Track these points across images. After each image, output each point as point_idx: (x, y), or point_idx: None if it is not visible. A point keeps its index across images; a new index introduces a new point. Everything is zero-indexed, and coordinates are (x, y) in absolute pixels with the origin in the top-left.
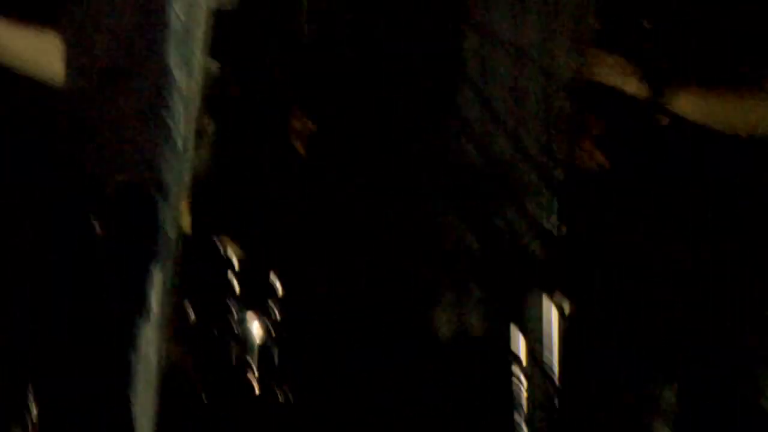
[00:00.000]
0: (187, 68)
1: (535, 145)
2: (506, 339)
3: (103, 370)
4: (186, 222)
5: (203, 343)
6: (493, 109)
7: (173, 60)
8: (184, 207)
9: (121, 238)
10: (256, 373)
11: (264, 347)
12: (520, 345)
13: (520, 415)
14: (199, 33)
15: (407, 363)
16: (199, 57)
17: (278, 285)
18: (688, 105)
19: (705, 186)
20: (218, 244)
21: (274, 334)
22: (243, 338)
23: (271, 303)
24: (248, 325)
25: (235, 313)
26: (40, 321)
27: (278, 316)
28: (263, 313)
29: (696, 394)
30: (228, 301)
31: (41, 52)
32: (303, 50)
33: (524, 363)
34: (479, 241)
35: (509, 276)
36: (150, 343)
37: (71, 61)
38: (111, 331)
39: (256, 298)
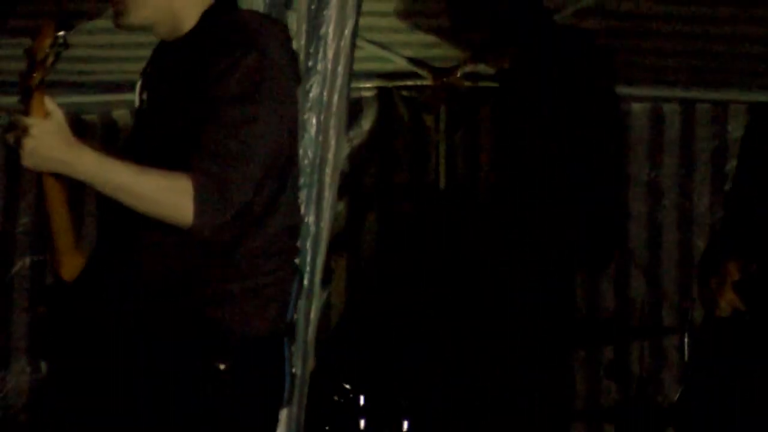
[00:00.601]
0: (317, 207)
1: (672, 285)
2: None
3: None
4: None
5: None
6: (629, 247)
7: (302, 199)
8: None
9: (247, 379)
10: None
11: None
12: None
13: None
14: (328, 171)
15: None
16: (327, 196)
17: (406, 425)
18: None
19: None
20: (345, 384)
21: None
22: None
23: None
24: None
25: None
26: None
27: None
28: None
29: None
30: None
31: (173, 196)
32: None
33: None
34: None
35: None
36: None
37: (202, 204)
38: None
39: None
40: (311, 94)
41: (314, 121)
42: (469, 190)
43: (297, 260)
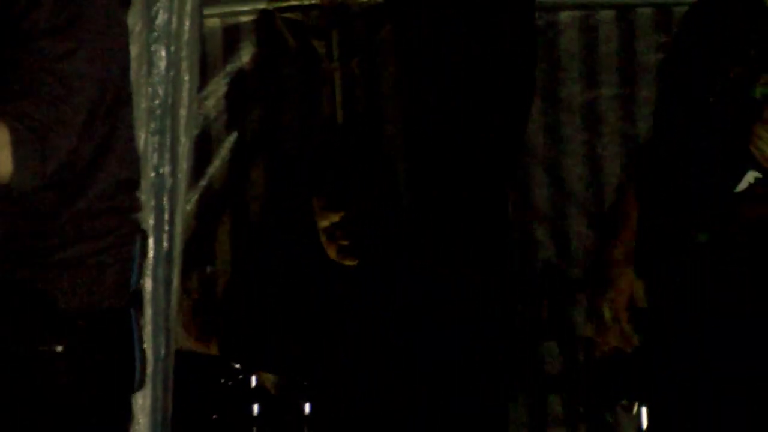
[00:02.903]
0: (171, 155)
1: None
2: None
3: None
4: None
5: None
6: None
7: (155, 146)
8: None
9: (87, 360)
10: None
11: None
12: None
13: None
14: (183, 113)
15: None
16: (184, 141)
17: (308, 410)
18: None
19: None
20: (245, 370)
21: None
22: None
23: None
24: None
25: None
26: None
27: None
28: None
29: None
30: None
31: None
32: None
33: None
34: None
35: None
36: None
37: (20, 154)
38: None
39: (285, 425)
40: (157, 22)
41: (163, 53)
42: (371, 125)
43: (138, 216)
